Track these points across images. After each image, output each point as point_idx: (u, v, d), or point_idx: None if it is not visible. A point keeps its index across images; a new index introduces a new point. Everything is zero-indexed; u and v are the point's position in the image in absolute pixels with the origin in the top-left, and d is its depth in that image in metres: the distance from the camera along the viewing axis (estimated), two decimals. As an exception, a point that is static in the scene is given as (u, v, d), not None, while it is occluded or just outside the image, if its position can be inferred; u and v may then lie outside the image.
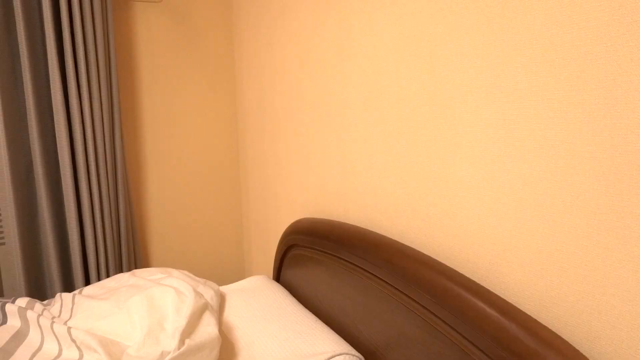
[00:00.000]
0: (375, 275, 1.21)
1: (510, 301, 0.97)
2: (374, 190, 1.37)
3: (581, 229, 0.81)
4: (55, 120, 1.85)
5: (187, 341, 1.16)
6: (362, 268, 1.27)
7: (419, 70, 1.15)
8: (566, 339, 0.86)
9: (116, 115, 2.00)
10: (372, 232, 1.31)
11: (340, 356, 1.24)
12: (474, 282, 0.98)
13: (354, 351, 1.28)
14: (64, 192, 1.91)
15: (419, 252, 1.13)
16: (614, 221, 0.76)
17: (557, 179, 0.84)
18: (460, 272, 1.08)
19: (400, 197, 1.27)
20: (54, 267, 1.95)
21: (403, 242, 1.27)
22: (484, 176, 1.00)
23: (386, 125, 1.29)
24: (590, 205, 0.80)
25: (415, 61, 1.16)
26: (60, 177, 1.95)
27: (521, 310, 0.88)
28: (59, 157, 1.88)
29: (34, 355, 1.22)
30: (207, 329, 1.25)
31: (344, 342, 1.33)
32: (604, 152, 0.77)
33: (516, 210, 0.93)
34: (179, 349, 1.13)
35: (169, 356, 1.10)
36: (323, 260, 1.48)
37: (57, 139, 1.87)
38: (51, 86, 1.82)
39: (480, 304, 0.91)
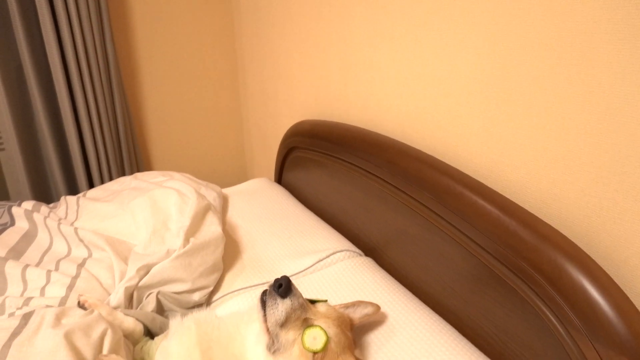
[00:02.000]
0: (377, 176, 1.21)
1: (511, 199, 0.97)
2: (376, 90, 1.33)
3: (592, 125, 0.78)
4: (40, 20, 1.75)
5: (191, 240, 1.18)
6: (363, 169, 1.26)
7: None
8: (565, 234, 0.86)
9: (104, 15, 1.88)
10: (373, 132, 1.28)
11: (341, 252, 1.27)
12: (475, 180, 0.97)
13: (354, 247, 1.32)
14: (58, 94, 1.86)
15: (421, 151, 1.12)
16: (628, 116, 0.73)
17: (570, 73, 0.80)
18: (463, 171, 1.07)
19: (403, 97, 1.22)
20: (56, 170, 1.96)
21: (405, 143, 1.25)
22: (490, 72, 0.95)
23: (389, 23, 1.21)
24: (603, 100, 0.76)
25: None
26: (52, 79, 1.88)
27: (521, 207, 0.88)
28: (49, 59, 1.81)
29: (44, 254, 1.25)
30: (211, 228, 1.27)
31: (345, 239, 1.36)
32: (623, 44, 0.71)
33: (524, 107, 0.90)
34: (184, 247, 1.16)
35: (175, 254, 1.13)
36: (324, 161, 1.47)
37: (45, 40, 1.78)
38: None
39: (481, 202, 0.91)
